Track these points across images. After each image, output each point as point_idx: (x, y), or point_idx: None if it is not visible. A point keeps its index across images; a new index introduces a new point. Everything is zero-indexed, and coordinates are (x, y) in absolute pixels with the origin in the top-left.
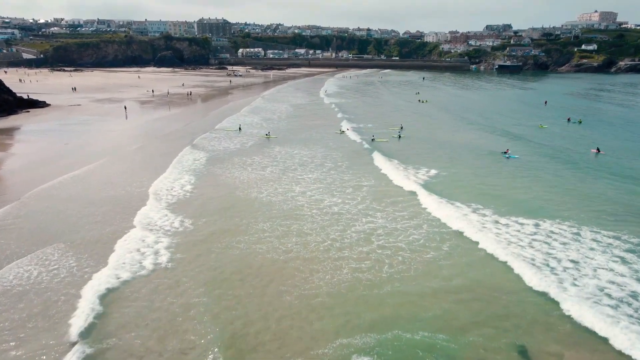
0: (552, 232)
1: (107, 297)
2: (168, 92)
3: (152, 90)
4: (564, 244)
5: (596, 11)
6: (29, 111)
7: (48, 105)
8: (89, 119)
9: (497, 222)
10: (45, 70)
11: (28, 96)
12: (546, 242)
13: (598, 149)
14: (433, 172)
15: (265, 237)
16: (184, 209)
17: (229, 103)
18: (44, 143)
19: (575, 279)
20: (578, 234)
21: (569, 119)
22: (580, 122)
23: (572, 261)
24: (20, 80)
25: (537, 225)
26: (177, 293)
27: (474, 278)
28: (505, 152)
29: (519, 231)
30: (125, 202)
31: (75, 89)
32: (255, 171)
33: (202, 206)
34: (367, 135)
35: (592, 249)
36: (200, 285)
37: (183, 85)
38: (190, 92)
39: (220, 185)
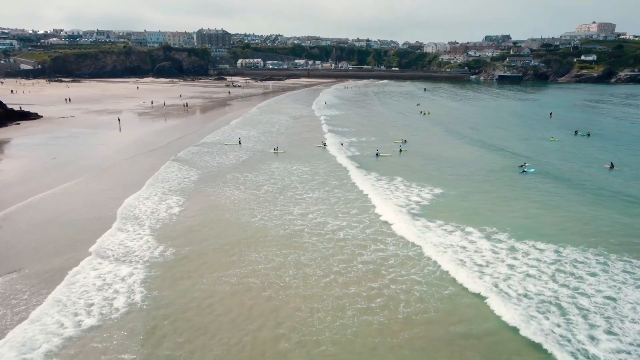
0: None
1: None
2: (164, 104)
3: (152, 102)
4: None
5: (594, 22)
6: (19, 123)
7: (40, 117)
8: (81, 131)
9: (514, 250)
10: (42, 81)
11: (20, 108)
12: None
13: (612, 164)
14: (438, 190)
15: (259, 270)
16: (167, 235)
17: (226, 115)
18: (30, 158)
19: None
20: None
21: (576, 132)
22: (589, 135)
23: None
24: (11, 91)
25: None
26: (152, 343)
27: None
28: (522, 166)
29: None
30: (94, 225)
31: (69, 99)
32: (250, 190)
33: (187, 232)
34: (369, 150)
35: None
36: (182, 332)
37: (180, 96)
38: (187, 103)
39: (210, 208)
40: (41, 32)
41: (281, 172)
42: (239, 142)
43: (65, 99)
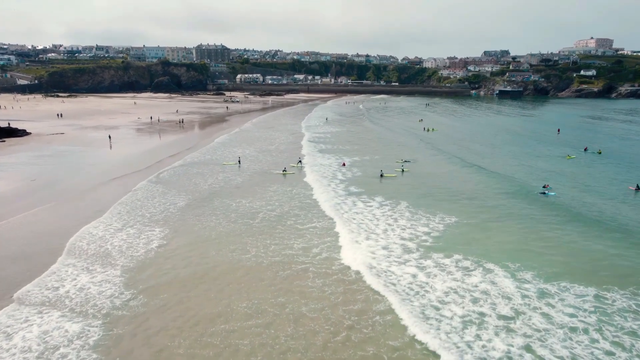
0: None
1: None
2: (158, 120)
3: (151, 118)
4: None
5: (592, 38)
6: (4, 141)
7: (28, 133)
8: (68, 150)
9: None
10: (39, 96)
11: (9, 124)
12: None
13: (638, 186)
14: (452, 220)
15: (250, 328)
16: (138, 278)
17: (223, 131)
18: (8, 179)
19: None
20: None
21: (585, 149)
22: (600, 153)
23: None
24: (0, 106)
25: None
26: None
27: None
28: (544, 187)
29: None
30: (38, 260)
31: (60, 115)
32: (243, 219)
33: (164, 273)
34: (372, 169)
35: None
36: None
37: (177, 111)
38: (183, 119)
39: (194, 241)
40: (40, 47)
41: (280, 196)
42: (239, 162)
43: (57, 115)
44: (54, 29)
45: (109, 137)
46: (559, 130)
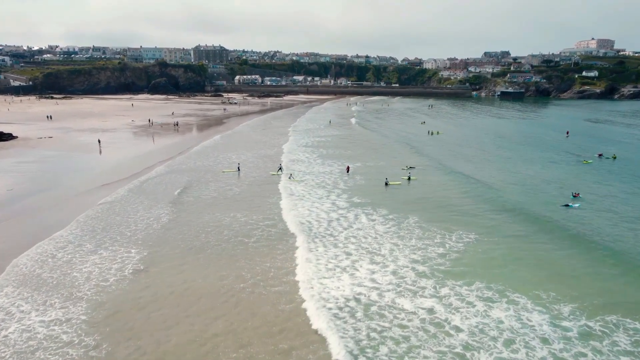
0: None
1: None
2: (152, 123)
3: (149, 120)
4: None
5: (593, 38)
6: None
7: (14, 137)
8: (55, 155)
9: None
10: (32, 98)
11: None
12: None
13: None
14: (471, 237)
15: None
16: (105, 316)
17: (218, 134)
18: None
19: None
20: None
21: (600, 155)
22: (615, 158)
23: None
24: None
25: None
26: None
27: None
28: (574, 197)
29: None
30: None
31: (50, 117)
32: (237, 237)
33: (137, 310)
34: (376, 175)
35: None
36: None
37: (173, 114)
38: (178, 122)
39: (175, 267)
40: (36, 48)
41: (273, 210)
42: (238, 169)
43: (47, 117)
44: (53, 30)
45: (99, 141)
46: (567, 133)
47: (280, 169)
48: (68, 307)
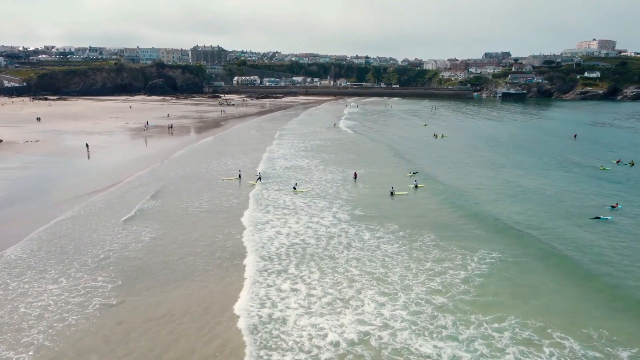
0: None
1: None
2: (145, 126)
3: (146, 123)
4: None
5: (594, 39)
6: None
7: None
8: (39, 160)
9: None
10: (26, 99)
11: None
12: None
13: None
14: (495, 256)
15: None
16: None
17: (215, 137)
18: None
19: None
20: None
21: (618, 161)
22: (632, 165)
23: None
24: None
25: None
26: None
27: None
28: (612, 207)
29: None
30: None
31: (39, 119)
32: (228, 261)
33: None
34: (380, 181)
35: None
36: None
37: (168, 116)
38: (172, 125)
39: (150, 319)
40: (31, 48)
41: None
42: (239, 177)
43: (37, 118)
44: (52, 31)
45: (87, 145)
46: (575, 136)
47: (259, 178)
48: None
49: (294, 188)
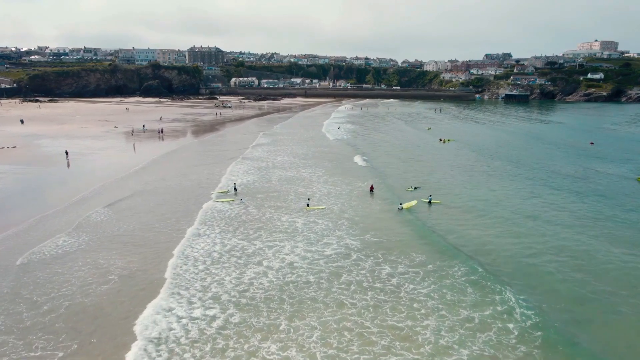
0: None
1: None
2: (132, 130)
3: (143, 126)
4: None
5: (597, 40)
6: None
7: None
8: (10, 170)
9: None
10: (15, 101)
11: None
12: None
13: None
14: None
15: None
16: None
17: (209, 142)
18: None
19: None
20: None
21: None
22: None
23: None
24: None
25: None
26: None
27: None
28: None
29: None
30: None
31: (22, 121)
32: (221, 304)
33: None
34: (388, 193)
35: None
36: None
37: (161, 119)
38: (162, 129)
39: None
40: (24, 49)
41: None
42: (234, 189)
43: (20, 121)
44: (47, 32)
45: (66, 153)
46: (592, 143)
47: (235, 190)
48: None
49: (307, 205)
